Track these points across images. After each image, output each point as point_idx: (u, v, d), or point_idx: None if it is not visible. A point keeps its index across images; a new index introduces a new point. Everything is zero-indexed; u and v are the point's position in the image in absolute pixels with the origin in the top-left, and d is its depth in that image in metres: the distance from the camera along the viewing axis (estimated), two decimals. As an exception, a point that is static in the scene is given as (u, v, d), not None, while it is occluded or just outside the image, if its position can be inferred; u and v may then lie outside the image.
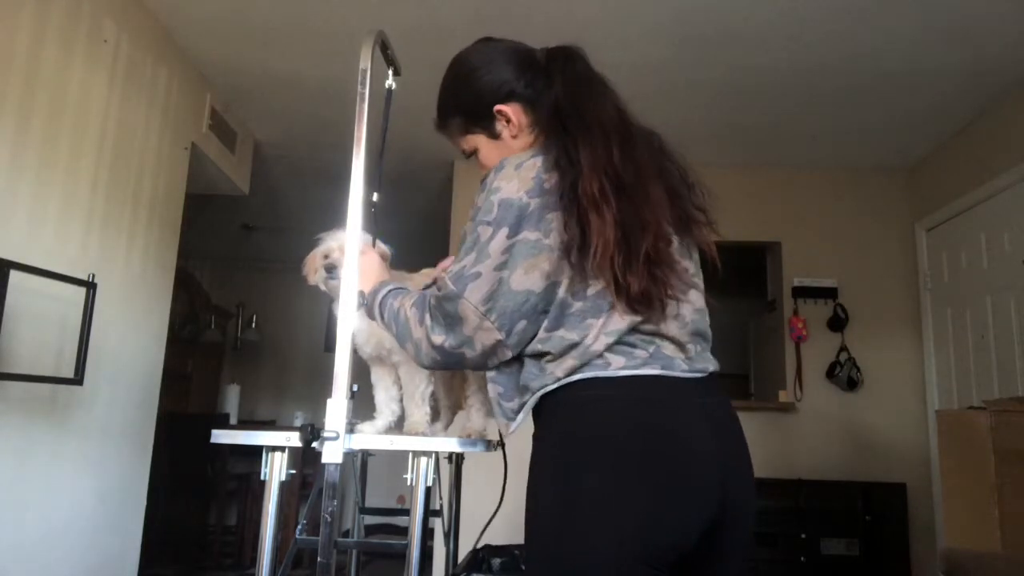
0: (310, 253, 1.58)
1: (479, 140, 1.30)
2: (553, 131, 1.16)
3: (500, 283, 1.09)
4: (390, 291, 1.30)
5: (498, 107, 1.25)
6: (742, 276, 4.68)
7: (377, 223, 1.56)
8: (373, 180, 1.53)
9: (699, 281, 1.24)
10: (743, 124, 3.78)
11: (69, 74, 2.44)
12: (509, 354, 1.14)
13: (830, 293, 4.17)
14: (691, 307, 1.18)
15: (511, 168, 1.13)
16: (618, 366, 1.08)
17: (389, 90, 1.66)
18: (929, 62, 3.08)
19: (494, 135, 1.28)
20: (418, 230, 5.48)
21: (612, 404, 1.08)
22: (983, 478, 2.48)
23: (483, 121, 1.27)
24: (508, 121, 1.25)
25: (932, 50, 2.98)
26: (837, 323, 4.13)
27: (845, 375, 4.05)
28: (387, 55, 1.64)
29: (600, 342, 1.09)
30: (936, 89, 3.32)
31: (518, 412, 1.17)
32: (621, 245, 1.07)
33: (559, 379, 1.10)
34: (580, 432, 1.08)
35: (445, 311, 1.13)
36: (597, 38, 2.99)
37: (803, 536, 3.67)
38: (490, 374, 1.20)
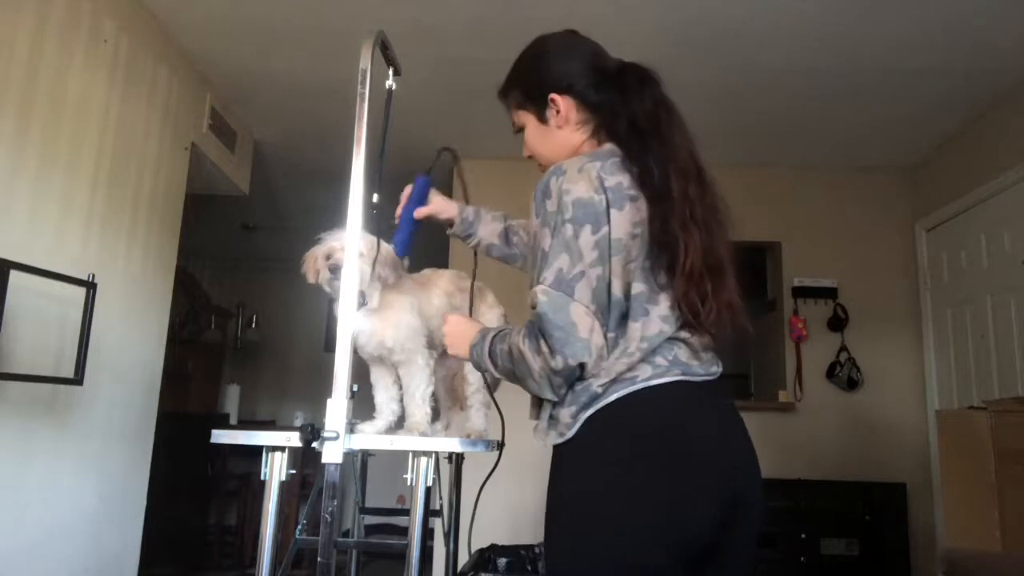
0: (309, 251, 1.57)
1: (528, 119, 1.35)
2: (632, 147, 1.20)
3: (599, 280, 1.11)
4: (495, 336, 1.23)
5: (552, 95, 1.29)
6: (742, 276, 4.67)
7: (379, 224, 1.56)
8: (373, 181, 1.52)
9: None
10: (743, 124, 3.78)
11: (69, 74, 2.44)
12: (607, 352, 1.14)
13: (830, 293, 4.17)
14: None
15: (573, 171, 1.15)
16: (644, 377, 1.13)
17: (389, 90, 1.66)
18: (929, 62, 3.07)
19: (542, 119, 1.32)
20: (418, 231, 5.47)
21: (633, 408, 1.12)
22: (983, 478, 2.48)
23: (536, 103, 1.32)
24: (557, 111, 1.30)
25: (932, 50, 2.98)
26: (837, 323, 4.13)
27: (845, 375, 4.05)
28: (387, 55, 1.64)
29: (635, 348, 1.13)
30: (936, 89, 3.32)
31: (571, 426, 1.15)
32: (708, 272, 1.14)
33: (600, 399, 1.12)
34: (602, 434, 1.12)
35: (556, 324, 1.09)
36: (598, 38, 2.97)
37: (803, 536, 3.67)
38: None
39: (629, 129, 1.21)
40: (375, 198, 1.55)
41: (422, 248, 1.72)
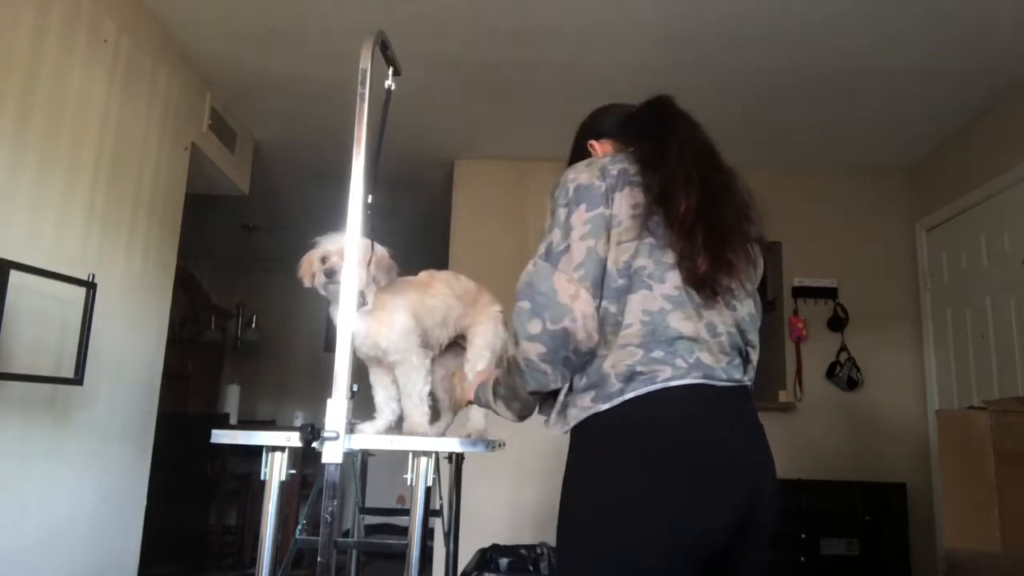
0: (305, 256, 1.58)
1: None
2: (641, 139, 1.29)
3: (589, 251, 1.17)
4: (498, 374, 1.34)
5: (591, 142, 1.47)
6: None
7: (373, 224, 1.55)
8: (368, 180, 1.52)
9: (752, 299, 1.30)
10: (743, 124, 3.77)
11: (69, 74, 2.44)
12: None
13: (830, 293, 4.17)
14: (733, 318, 1.23)
15: (582, 165, 1.28)
16: (664, 377, 1.13)
17: (389, 90, 1.66)
18: (929, 62, 3.07)
19: None
20: (418, 231, 5.48)
21: (650, 409, 1.12)
22: (983, 478, 2.48)
23: (582, 155, 1.45)
24: (595, 153, 1.44)
25: (932, 50, 2.98)
26: (837, 323, 4.13)
27: (845, 375, 4.05)
28: (387, 55, 1.64)
29: (634, 319, 1.14)
30: (936, 89, 3.32)
31: (579, 416, 1.18)
32: (703, 217, 1.17)
33: (616, 396, 1.13)
34: (619, 435, 1.13)
35: (539, 290, 1.16)
36: (598, 39, 2.99)
37: (803, 536, 3.67)
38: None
39: (642, 130, 1.33)
40: (369, 198, 1.55)
41: (421, 248, 1.72)
